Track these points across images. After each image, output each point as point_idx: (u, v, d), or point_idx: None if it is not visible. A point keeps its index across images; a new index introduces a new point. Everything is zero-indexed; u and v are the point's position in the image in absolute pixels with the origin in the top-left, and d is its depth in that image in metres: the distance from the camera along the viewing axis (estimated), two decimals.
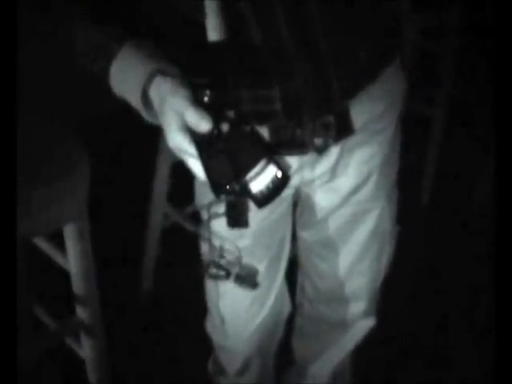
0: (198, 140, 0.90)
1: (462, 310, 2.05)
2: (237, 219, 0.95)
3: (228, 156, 0.89)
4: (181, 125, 0.90)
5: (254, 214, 0.96)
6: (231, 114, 0.90)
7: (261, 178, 0.89)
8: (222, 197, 0.92)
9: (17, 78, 1.02)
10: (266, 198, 0.90)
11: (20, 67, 1.09)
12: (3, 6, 0.99)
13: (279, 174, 0.89)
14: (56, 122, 1.47)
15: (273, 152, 0.90)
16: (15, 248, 1.00)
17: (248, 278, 1.24)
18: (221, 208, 0.96)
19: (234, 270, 1.21)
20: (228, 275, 1.19)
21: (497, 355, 0.94)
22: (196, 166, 0.91)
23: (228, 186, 0.89)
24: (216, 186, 0.90)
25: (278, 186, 0.90)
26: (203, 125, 0.88)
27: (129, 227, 2.12)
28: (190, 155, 0.91)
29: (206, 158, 0.90)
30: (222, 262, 1.20)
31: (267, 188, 0.89)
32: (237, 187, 0.90)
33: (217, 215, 0.99)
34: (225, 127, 0.89)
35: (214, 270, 1.17)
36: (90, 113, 2.27)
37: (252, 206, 0.93)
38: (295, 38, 1.01)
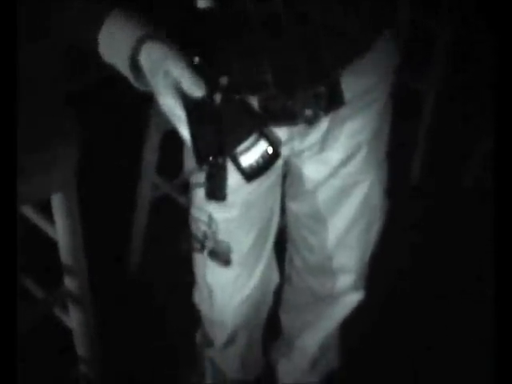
0: (190, 106, 0.89)
1: (453, 287, 2.06)
2: (215, 191, 0.95)
3: (217, 127, 0.88)
4: (173, 88, 0.88)
5: (243, 184, 0.96)
6: (224, 80, 0.89)
7: (251, 152, 0.89)
8: (204, 167, 0.91)
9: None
10: (255, 173, 0.90)
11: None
12: None
13: (270, 150, 0.89)
14: (45, 89, 1.45)
15: (265, 126, 0.90)
16: (15, 218, 0.98)
17: (221, 254, 1.24)
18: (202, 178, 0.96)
19: (209, 244, 1.21)
20: (202, 248, 1.19)
21: (496, 335, 0.93)
22: (186, 133, 0.90)
23: (211, 158, 0.89)
24: (200, 156, 0.89)
25: (267, 162, 0.89)
26: (198, 90, 0.87)
27: (118, 198, 2.10)
28: (181, 120, 0.90)
29: (195, 125, 0.89)
30: (199, 234, 1.20)
31: (257, 163, 0.89)
32: (220, 160, 0.89)
33: (197, 184, 0.98)
34: (218, 97, 0.88)
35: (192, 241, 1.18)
36: (80, 81, 2.25)
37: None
38: (287, 7, 1.00)
